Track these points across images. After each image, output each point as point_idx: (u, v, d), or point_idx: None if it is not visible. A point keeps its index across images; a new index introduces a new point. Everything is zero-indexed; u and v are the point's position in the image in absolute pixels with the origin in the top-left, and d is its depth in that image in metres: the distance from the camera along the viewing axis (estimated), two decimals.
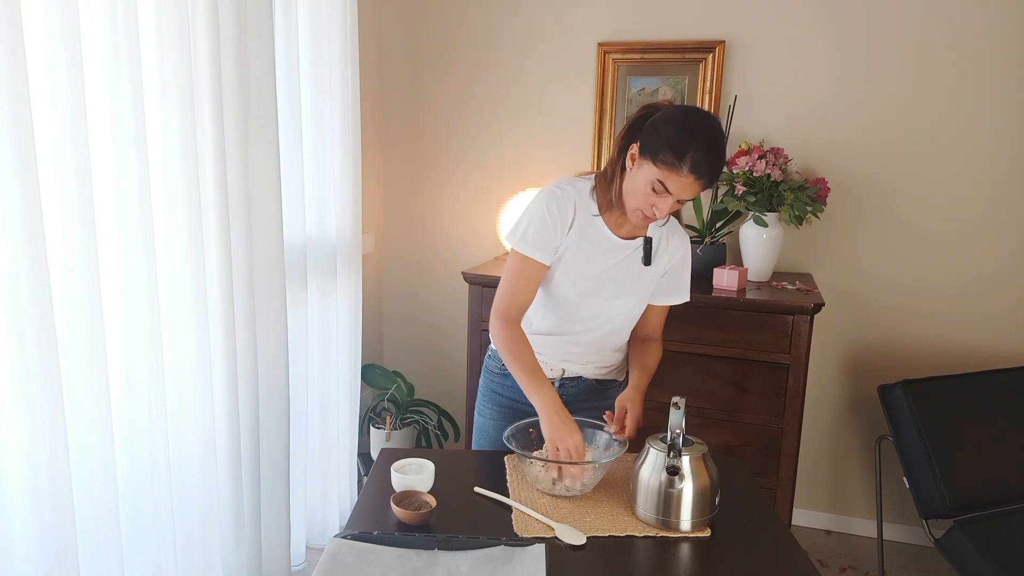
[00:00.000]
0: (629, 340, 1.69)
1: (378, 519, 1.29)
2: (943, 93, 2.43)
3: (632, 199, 1.45)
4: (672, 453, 1.26)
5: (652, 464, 1.28)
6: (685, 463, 1.26)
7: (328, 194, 2.27)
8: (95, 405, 1.35)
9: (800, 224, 2.42)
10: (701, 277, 2.34)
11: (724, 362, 2.28)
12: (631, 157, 1.44)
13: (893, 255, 2.57)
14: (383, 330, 3.18)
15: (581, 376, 1.67)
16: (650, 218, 1.45)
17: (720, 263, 2.47)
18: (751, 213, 2.41)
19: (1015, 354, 2.50)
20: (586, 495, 1.39)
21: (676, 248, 1.61)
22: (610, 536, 1.26)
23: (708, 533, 1.27)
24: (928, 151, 2.48)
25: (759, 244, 2.45)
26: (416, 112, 2.97)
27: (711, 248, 2.49)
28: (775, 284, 2.42)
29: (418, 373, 3.11)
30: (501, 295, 1.55)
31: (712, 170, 1.36)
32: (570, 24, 2.73)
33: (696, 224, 2.55)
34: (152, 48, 1.45)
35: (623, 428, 1.48)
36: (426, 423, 2.80)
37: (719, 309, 2.25)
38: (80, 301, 1.30)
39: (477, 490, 1.39)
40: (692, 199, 1.43)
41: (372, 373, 2.84)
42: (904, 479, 2.23)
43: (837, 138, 2.54)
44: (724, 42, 2.56)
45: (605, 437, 1.49)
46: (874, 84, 2.48)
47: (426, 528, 1.26)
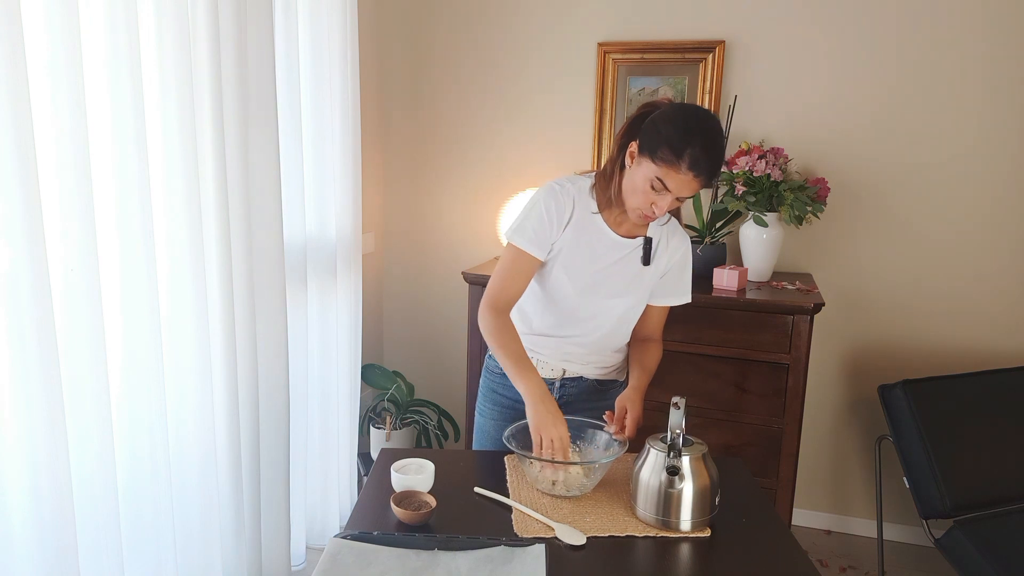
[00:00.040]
0: (629, 341, 1.69)
1: (378, 519, 1.29)
2: (943, 93, 2.43)
3: (631, 197, 1.45)
4: (672, 453, 1.26)
5: (652, 464, 1.28)
6: (685, 463, 1.26)
7: (328, 194, 2.27)
8: (95, 405, 1.35)
9: (800, 224, 2.42)
10: (701, 277, 2.34)
11: (724, 362, 2.28)
12: (630, 155, 1.44)
13: (893, 255, 2.57)
14: (383, 330, 3.18)
15: (582, 376, 1.67)
16: (649, 216, 1.46)
17: (720, 263, 2.48)
18: (751, 213, 2.41)
19: (1015, 354, 2.50)
20: (586, 495, 1.39)
21: (676, 248, 1.61)
22: (610, 536, 1.26)
23: (708, 533, 1.27)
24: (928, 151, 2.48)
25: (759, 244, 2.45)
26: (416, 112, 2.97)
27: (711, 248, 2.49)
28: (775, 284, 2.42)
29: (418, 373, 3.11)
30: (492, 285, 1.56)
31: (711, 167, 1.36)
32: (570, 24, 2.73)
33: (696, 224, 2.55)
34: (152, 48, 1.45)
35: (623, 428, 1.48)
36: (426, 423, 2.80)
37: (719, 309, 2.25)
38: (80, 301, 1.30)
39: (477, 490, 1.39)
40: (691, 197, 1.43)
41: (372, 373, 2.84)
42: (904, 479, 2.23)
43: (837, 138, 2.54)
44: (724, 42, 2.56)
45: (605, 437, 1.49)
46: (874, 84, 2.48)
47: (426, 528, 1.26)
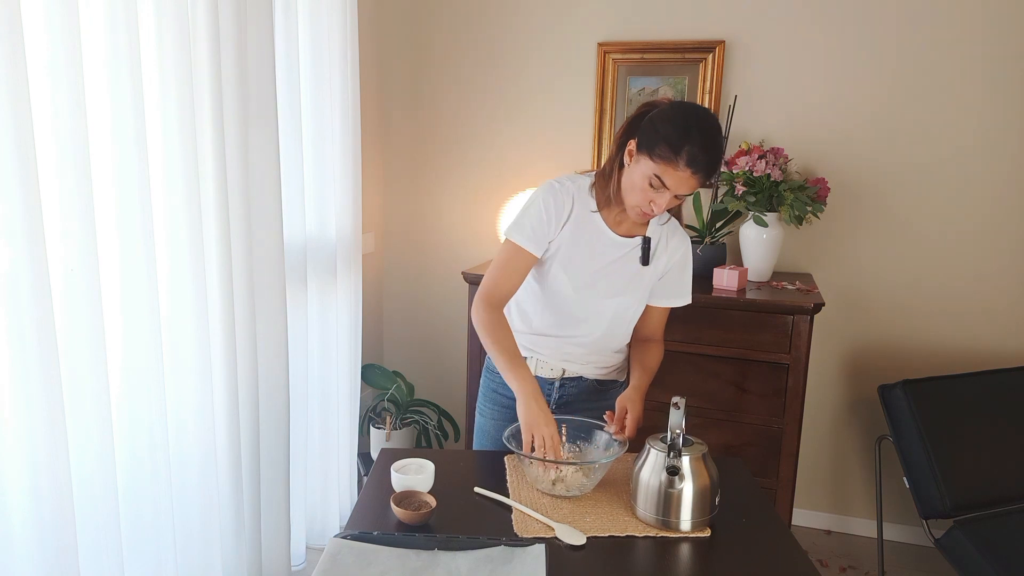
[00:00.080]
0: (630, 341, 1.69)
1: (378, 519, 1.29)
2: (943, 93, 2.43)
3: (630, 195, 1.45)
4: (672, 453, 1.26)
5: (652, 464, 1.28)
6: (685, 463, 1.26)
7: (328, 194, 2.27)
8: (95, 405, 1.35)
9: (800, 224, 2.42)
10: (701, 277, 2.34)
11: (724, 362, 2.28)
12: (629, 153, 1.44)
13: (893, 255, 2.57)
14: (383, 330, 3.18)
15: (582, 376, 1.67)
16: (648, 214, 1.46)
17: (720, 263, 2.48)
18: (751, 213, 2.41)
19: (1015, 354, 2.50)
20: (586, 495, 1.39)
21: (676, 248, 1.60)
22: (610, 536, 1.26)
23: (708, 533, 1.27)
24: (928, 151, 2.48)
25: (759, 244, 2.45)
26: (416, 112, 2.97)
27: (711, 248, 2.49)
28: (775, 284, 2.42)
29: (418, 373, 3.11)
30: (487, 280, 1.56)
31: (709, 164, 1.36)
32: (570, 24, 2.73)
33: (696, 224, 2.55)
34: (152, 48, 1.45)
35: (623, 428, 1.48)
36: (426, 423, 2.80)
37: (719, 309, 2.25)
38: (80, 301, 1.30)
39: (477, 490, 1.39)
40: (690, 195, 1.43)
41: (372, 373, 2.84)
42: (904, 479, 2.23)
43: (837, 138, 2.54)
44: (724, 42, 2.56)
45: (605, 437, 1.48)
46: (874, 84, 2.48)
47: (426, 528, 1.26)
